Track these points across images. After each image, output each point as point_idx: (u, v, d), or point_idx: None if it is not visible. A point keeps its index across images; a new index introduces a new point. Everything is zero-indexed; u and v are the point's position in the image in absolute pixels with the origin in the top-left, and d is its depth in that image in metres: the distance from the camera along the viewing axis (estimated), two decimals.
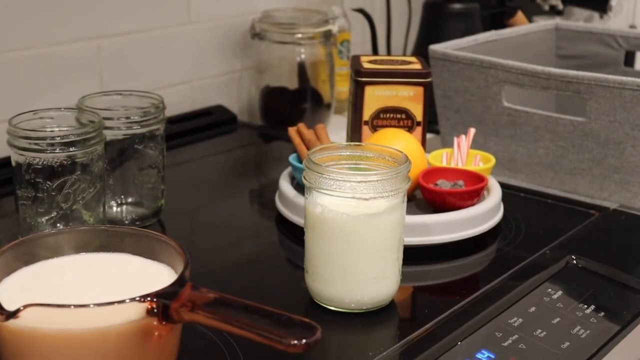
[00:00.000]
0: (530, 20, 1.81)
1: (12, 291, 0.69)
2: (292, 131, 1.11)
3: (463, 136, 1.10)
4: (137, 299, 0.63)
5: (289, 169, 1.09)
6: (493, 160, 1.09)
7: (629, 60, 1.56)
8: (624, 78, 1.08)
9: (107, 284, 0.73)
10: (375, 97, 1.07)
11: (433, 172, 1.04)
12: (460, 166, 1.08)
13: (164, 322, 0.65)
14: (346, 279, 0.82)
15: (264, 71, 1.47)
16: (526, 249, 0.98)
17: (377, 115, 1.08)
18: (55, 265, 0.74)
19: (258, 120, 1.50)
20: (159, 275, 0.72)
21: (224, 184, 1.26)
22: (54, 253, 0.74)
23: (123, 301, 0.63)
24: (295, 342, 0.60)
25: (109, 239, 0.76)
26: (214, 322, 0.64)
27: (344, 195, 0.80)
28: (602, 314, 0.85)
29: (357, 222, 0.80)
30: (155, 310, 0.64)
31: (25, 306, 0.61)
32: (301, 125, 1.11)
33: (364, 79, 1.07)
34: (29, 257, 0.73)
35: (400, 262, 0.85)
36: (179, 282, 0.66)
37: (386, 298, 0.85)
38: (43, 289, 0.71)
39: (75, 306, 0.62)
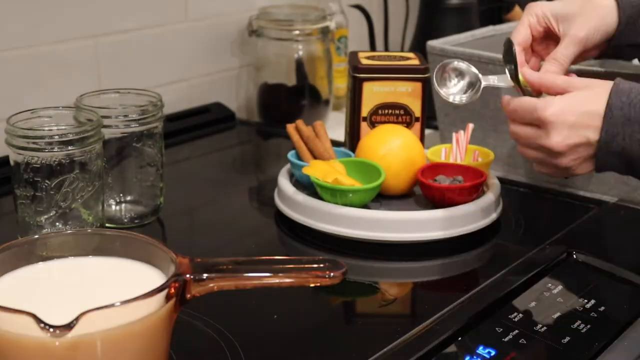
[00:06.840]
0: None
1: (6, 294, 0.68)
2: (290, 128, 1.11)
3: (462, 132, 1.09)
4: (162, 286, 0.63)
5: (288, 165, 1.08)
6: (492, 155, 1.09)
7: None
8: (621, 70, 1.08)
9: (99, 288, 0.71)
10: (374, 93, 1.07)
11: (432, 168, 1.04)
12: (459, 162, 1.08)
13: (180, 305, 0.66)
14: None
15: (261, 68, 1.46)
16: (526, 244, 0.98)
17: (375, 111, 1.08)
18: (46, 269, 0.72)
19: (256, 117, 1.50)
20: (148, 278, 0.69)
21: (222, 181, 1.26)
22: (46, 257, 0.72)
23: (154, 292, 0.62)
24: (334, 273, 0.65)
25: (101, 243, 0.73)
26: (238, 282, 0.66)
27: None
28: (603, 308, 0.85)
29: None
30: (178, 290, 0.64)
31: (81, 314, 0.58)
32: (299, 122, 1.11)
33: (362, 75, 1.06)
34: (20, 261, 0.70)
35: None
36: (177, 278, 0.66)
37: None
38: (35, 293, 0.69)
39: (122, 302, 0.61)
